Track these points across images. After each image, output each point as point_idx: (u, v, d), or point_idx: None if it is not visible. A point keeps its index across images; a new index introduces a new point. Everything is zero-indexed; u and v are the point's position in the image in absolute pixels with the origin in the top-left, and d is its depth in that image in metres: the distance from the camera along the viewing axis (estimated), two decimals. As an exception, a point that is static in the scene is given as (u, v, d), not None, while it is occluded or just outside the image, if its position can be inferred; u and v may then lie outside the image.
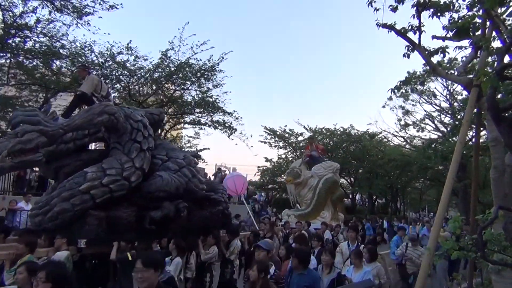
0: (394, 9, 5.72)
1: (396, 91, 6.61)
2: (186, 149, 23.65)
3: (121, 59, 17.27)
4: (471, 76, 5.84)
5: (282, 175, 28.06)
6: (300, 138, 30.89)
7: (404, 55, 5.77)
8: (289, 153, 32.61)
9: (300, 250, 5.58)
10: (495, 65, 4.27)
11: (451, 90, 24.68)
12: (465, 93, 19.35)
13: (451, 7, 5.57)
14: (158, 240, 7.14)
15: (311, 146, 18.57)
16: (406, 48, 5.79)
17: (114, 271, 6.51)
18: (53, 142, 6.22)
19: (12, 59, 15.46)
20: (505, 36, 4.55)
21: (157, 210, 6.92)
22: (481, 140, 7.79)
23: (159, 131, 21.61)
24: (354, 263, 6.02)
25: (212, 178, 21.65)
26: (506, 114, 2.95)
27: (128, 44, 16.90)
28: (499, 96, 5.64)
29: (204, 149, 23.89)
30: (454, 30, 4.98)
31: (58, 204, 6.06)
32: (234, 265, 7.60)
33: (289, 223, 13.61)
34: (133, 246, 6.47)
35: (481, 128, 6.74)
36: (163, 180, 6.96)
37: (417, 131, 27.43)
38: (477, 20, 5.22)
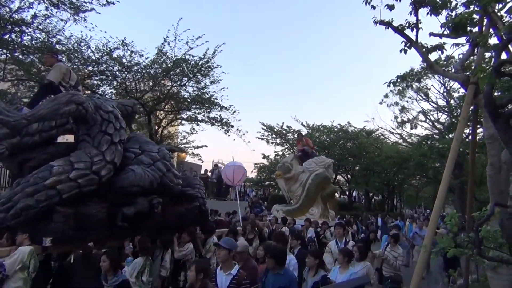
0: (390, 8, 5.70)
1: (392, 85, 6.59)
2: (182, 146, 23.61)
3: (117, 55, 17.22)
4: (468, 73, 5.85)
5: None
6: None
7: (401, 51, 5.75)
8: (286, 150, 32.64)
9: (275, 249, 5.22)
10: (492, 62, 4.27)
11: (448, 88, 24.74)
12: (462, 90, 19.47)
13: (448, 5, 5.55)
14: (131, 238, 6.76)
15: (302, 142, 18.32)
16: (404, 44, 5.77)
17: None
18: (16, 134, 5.87)
19: (8, 54, 15.36)
20: (502, 33, 4.55)
21: (130, 206, 6.58)
22: (477, 138, 7.79)
23: (156, 128, 21.63)
24: (341, 263, 5.59)
25: (209, 174, 21.69)
26: (503, 111, 2.95)
27: (123, 41, 16.84)
28: (496, 93, 5.64)
29: (201, 146, 23.87)
30: (452, 26, 4.96)
31: (21, 200, 5.64)
32: (211, 264, 7.22)
33: (276, 218, 13.29)
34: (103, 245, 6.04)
35: (478, 126, 6.75)
36: (136, 174, 6.61)
37: (411, 128, 27.55)
38: (475, 16, 5.21)
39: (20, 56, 15.36)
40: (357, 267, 5.70)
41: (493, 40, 5.14)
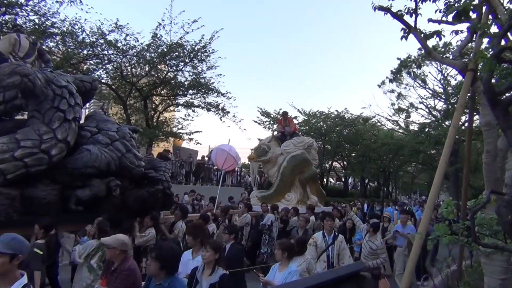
0: None
1: (389, 82, 6.55)
2: (177, 131, 23.52)
3: (113, 39, 17.05)
4: (466, 60, 5.81)
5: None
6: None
7: (402, 38, 5.71)
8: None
9: (165, 249, 3.53)
10: (492, 48, 4.24)
11: (445, 75, 24.70)
12: (459, 77, 19.45)
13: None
14: (86, 223, 6.09)
15: (284, 122, 16.34)
16: (403, 31, 5.73)
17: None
18: None
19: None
20: (502, 19, 4.50)
21: (85, 188, 6.14)
22: (473, 125, 7.80)
23: (152, 113, 21.55)
24: (279, 259, 4.72)
25: (206, 159, 21.68)
26: (502, 98, 2.93)
27: (117, 23, 16.64)
28: (493, 80, 5.61)
29: (196, 131, 23.80)
30: (454, 13, 4.90)
31: (-40, 180, 5.14)
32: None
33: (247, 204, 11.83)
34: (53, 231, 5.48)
35: (474, 113, 6.75)
36: (91, 154, 6.17)
37: (406, 117, 27.57)
38: (476, 1, 5.16)
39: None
40: (296, 263, 4.98)
41: (492, 28, 5.10)
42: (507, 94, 3.11)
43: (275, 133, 17.14)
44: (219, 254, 4.00)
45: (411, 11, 5.67)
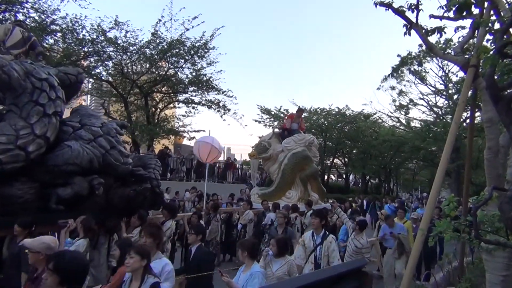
0: None
1: (395, 72, 6.54)
2: (178, 129, 23.53)
3: (114, 36, 17.05)
4: (467, 56, 5.79)
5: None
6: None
7: (405, 34, 5.69)
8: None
9: (64, 259, 2.81)
10: (495, 43, 4.22)
11: (447, 71, 24.65)
12: (460, 74, 19.40)
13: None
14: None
15: (297, 118, 15.99)
16: (405, 27, 5.71)
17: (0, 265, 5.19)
18: None
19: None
20: (505, 17, 4.47)
21: (66, 187, 5.85)
22: (475, 121, 7.78)
23: (153, 110, 21.55)
24: (242, 259, 4.29)
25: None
26: (505, 93, 2.91)
27: (116, 19, 16.64)
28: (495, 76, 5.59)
29: (198, 130, 23.80)
30: (456, 6, 4.88)
31: None
32: (165, 249, 6.37)
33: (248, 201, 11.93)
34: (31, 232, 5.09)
35: (476, 109, 6.73)
36: (73, 151, 5.85)
37: (405, 114, 27.53)
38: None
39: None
40: (275, 265, 4.67)
41: (495, 25, 5.07)
42: (510, 90, 3.09)
43: (276, 129, 16.92)
44: (146, 260, 3.45)
45: (413, 7, 5.65)
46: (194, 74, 19.80)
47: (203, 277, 4.65)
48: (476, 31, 5.45)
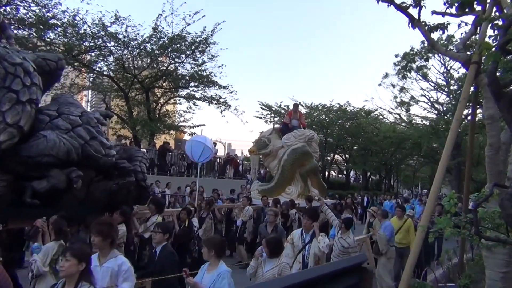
0: None
1: (404, 69, 6.53)
2: (179, 124, 23.49)
3: (115, 30, 17.04)
4: (469, 52, 5.77)
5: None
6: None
7: (409, 24, 5.69)
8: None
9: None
10: (497, 40, 4.20)
11: (448, 68, 24.57)
12: (462, 70, 19.34)
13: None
14: (46, 218, 5.25)
15: (294, 114, 15.86)
16: (408, 23, 5.70)
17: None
18: None
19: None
20: (508, 13, 4.45)
21: (42, 180, 5.50)
22: (476, 118, 7.77)
23: (154, 105, 21.54)
24: (207, 258, 3.99)
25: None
26: (507, 90, 2.91)
27: (116, 14, 16.60)
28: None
29: (199, 125, 23.79)
30: (458, 3, 4.86)
31: None
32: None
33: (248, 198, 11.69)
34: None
35: (477, 106, 6.72)
36: (48, 141, 5.49)
37: (406, 111, 27.49)
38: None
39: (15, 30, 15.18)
40: (267, 265, 4.48)
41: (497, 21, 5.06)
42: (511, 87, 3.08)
43: (276, 125, 16.87)
44: (84, 264, 3.06)
45: (416, 3, 5.63)
46: (195, 69, 19.79)
47: (168, 279, 4.47)
48: (479, 27, 5.43)
